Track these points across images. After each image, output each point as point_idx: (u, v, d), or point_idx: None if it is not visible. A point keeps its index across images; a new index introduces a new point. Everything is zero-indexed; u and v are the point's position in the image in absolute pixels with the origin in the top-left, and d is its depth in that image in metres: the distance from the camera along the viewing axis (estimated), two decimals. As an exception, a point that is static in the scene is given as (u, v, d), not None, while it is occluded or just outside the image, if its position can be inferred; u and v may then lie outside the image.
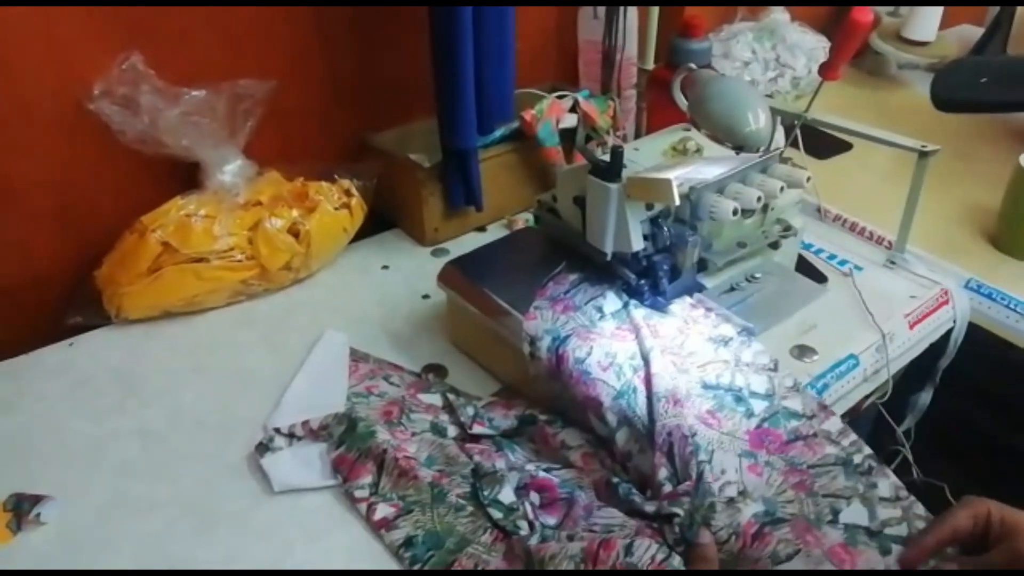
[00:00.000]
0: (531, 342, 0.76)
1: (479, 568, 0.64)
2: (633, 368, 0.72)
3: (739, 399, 0.71)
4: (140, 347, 0.89)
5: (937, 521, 0.62)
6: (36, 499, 0.70)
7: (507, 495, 0.68)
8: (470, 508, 0.69)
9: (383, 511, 0.69)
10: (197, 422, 0.80)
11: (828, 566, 0.60)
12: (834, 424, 0.70)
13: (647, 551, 0.59)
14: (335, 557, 0.66)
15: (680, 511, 0.61)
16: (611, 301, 0.78)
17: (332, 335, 0.89)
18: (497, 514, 0.67)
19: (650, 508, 0.64)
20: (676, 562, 0.59)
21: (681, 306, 0.80)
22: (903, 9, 1.55)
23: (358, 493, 0.70)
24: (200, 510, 0.70)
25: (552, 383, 0.75)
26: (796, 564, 0.60)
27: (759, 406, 0.71)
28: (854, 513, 0.64)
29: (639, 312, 0.78)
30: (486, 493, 0.69)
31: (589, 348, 0.73)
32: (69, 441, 0.77)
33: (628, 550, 0.59)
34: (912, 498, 0.65)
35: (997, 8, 1.48)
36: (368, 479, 0.71)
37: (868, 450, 0.69)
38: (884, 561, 0.61)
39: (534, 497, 0.69)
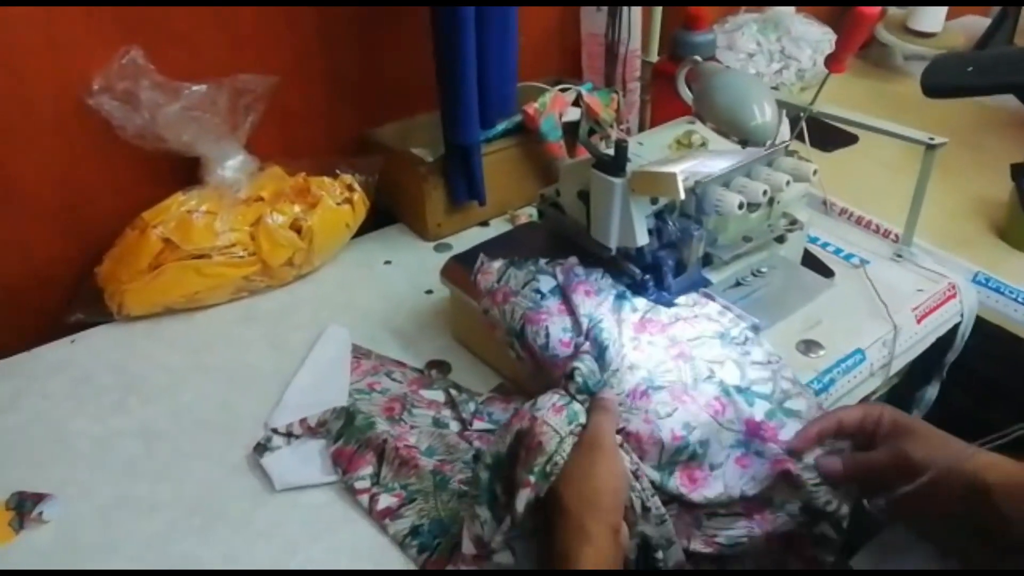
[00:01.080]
0: (510, 344, 0.76)
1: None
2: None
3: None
4: (142, 344, 0.89)
5: (826, 413, 0.66)
6: (39, 497, 0.70)
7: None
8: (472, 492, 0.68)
9: (386, 501, 0.69)
10: (199, 420, 0.79)
11: (704, 417, 0.66)
12: (713, 308, 0.78)
13: (549, 399, 0.64)
14: (339, 555, 0.66)
15: (581, 366, 0.67)
16: (545, 282, 0.77)
17: (334, 331, 0.89)
18: (475, 492, 0.67)
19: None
20: (576, 407, 0.64)
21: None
22: (909, -1, 1.54)
23: (359, 484, 0.70)
24: (202, 509, 0.70)
25: (544, 375, 0.74)
26: (676, 418, 0.65)
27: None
28: (727, 373, 0.70)
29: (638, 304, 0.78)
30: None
31: (545, 330, 0.73)
32: (71, 439, 0.77)
33: (534, 405, 0.63)
34: (783, 361, 0.72)
35: (1003, -1, 1.46)
36: (369, 470, 0.71)
37: (747, 323, 0.75)
38: (750, 411, 0.67)
39: None
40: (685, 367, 0.71)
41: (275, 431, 0.75)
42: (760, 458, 0.65)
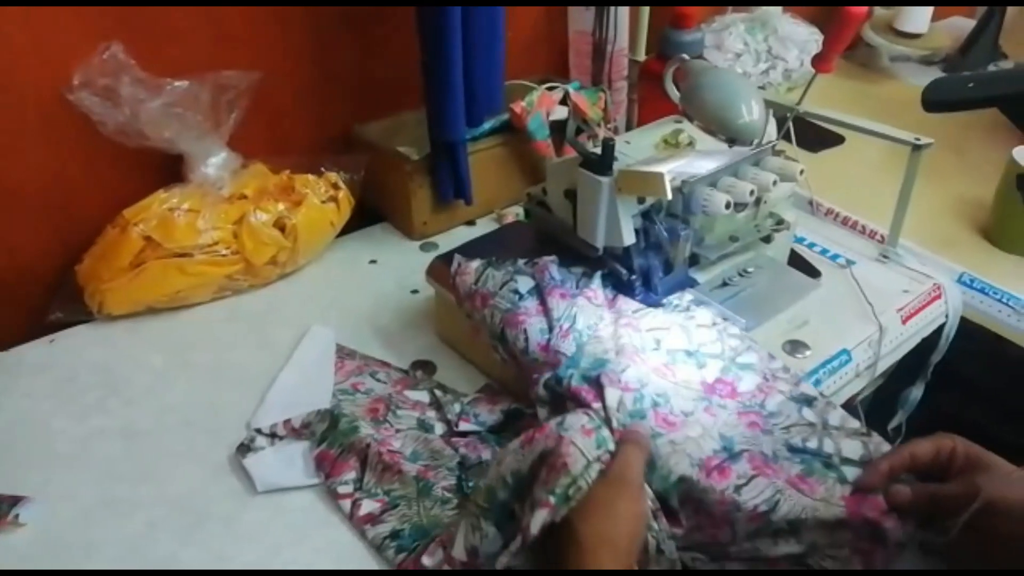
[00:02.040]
0: (495, 348, 0.75)
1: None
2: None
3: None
4: (123, 344, 0.88)
5: (898, 447, 0.62)
6: (14, 500, 0.69)
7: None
8: (456, 500, 0.68)
9: (368, 507, 0.68)
10: (182, 420, 0.78)
11: (790, 494, 0.60)
12: (783, 367, 0.72)
13: (578, 420, 0.61)
14: (322, 556, 0.65)
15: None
16: (523, 283, 0.76)
17: (318, 331, 0.88)
18: (484, 505, 0.66)
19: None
20: (606, 434, 0.61)
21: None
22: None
23: (341, 489, 0.69)
24: (184, 511, 0.69)
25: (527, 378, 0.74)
26: (757, 488, 0.60)
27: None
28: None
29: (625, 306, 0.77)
30: (471, 484, 0.68)
31: (524, 333, 0.72)
32: (50, 440, 0.76)
33: (561, 424, 0.60)
34: (874, 433, 0.66)
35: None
36: (352, 475, 0.70)
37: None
38: (842, 489, 0.61)
39: None
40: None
41: (258, 431, 0.74)
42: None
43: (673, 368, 0.70)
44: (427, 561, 0.62)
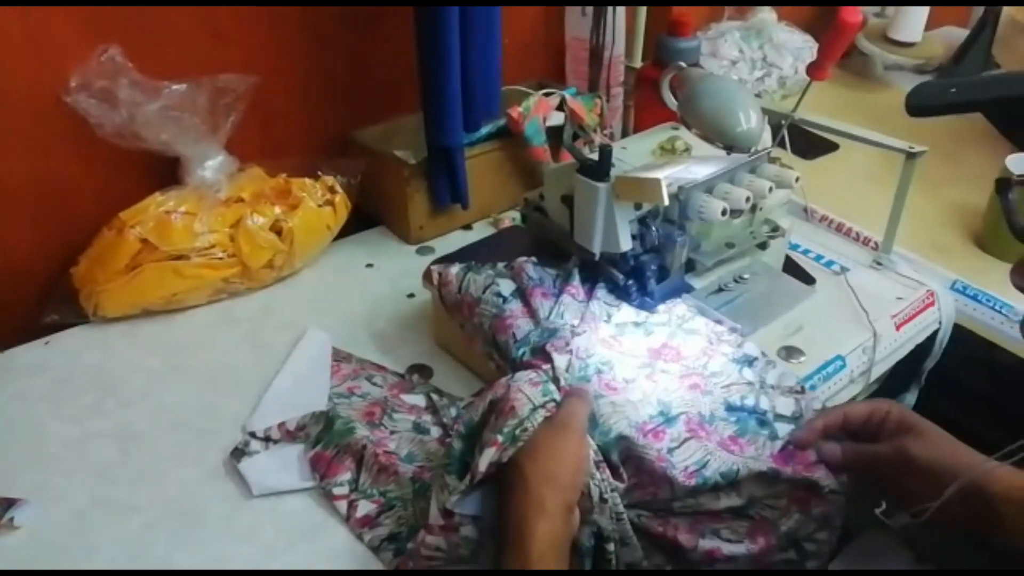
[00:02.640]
0: (490, 356, 0.76)
1: None
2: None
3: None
4: (118, 346, 0.88)
5: (833, 407, 0.66)
6: (9, 502, 0.68)
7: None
8: None
9: (365, 508, 0.68)
10: (177, 423, 0.78)
11: (719, 455, 0.64)
12: (729, 329, 0.76)
13: (526, 375, 0.66)
14: (317, 560, 0.65)
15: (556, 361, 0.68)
16: (505, 285, 0.77)
17: (314, 334, 0.88)
18: (446, 461, 0.68)
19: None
20: (552, 387, 0.65)
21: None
22: (889, 10, 1.56)
23: (337, 491, 0.69)
24: (180, 513, 0.69)
25: None
26: (689, 450, 0.64)
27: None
28: (748, 403, 0.69)
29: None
30: None
31: (513, 336, 0.73)
32: (45, 443, 0.76)
33: (511, 378, 0.65)
34: (807, 390, 0.71)
35: (982, 10, 1.48)
36: (347, 475, 0.70)
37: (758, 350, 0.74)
38: (772, 446, 0.65)
39: None
40: (703, 399, 0.69)
41: (253, 435, 0.74)
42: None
43: (621, 339, 0.74)
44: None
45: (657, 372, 0.71)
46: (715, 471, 0.63)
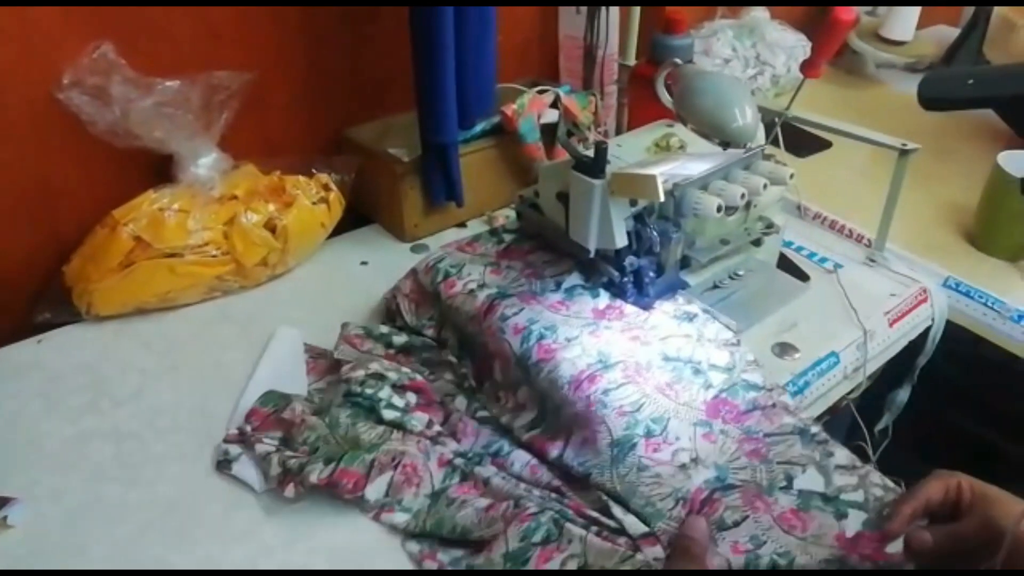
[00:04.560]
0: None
1: (400, 462, 0.68)
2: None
3: (698, 371, 0.73)
4: (112, 345, 0.87)
5: (910, 492, 0.63)
6: (2, 501, 0.68)
7: (386, 392, 0.73)
8: (366, 422, 0.71)
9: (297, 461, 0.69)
10: (172, 422, 0.78)
11: (776, 531, 0.61)
12: (791, 398, 0.74)
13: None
14: (314, 558, 0.65)
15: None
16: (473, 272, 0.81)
17: (285, 331, 0.87)
18: (391, 414, 0.72)
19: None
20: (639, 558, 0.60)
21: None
22: (881, 9, 1.56)
23: (267, 440, 0.72)
24: (175, 513, 0.69)
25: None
26: (743, 530, 0.61)
27: (718, 378, 0.72)
28: (809, 480, 0.66)
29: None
30: (369, 393, 0.72)
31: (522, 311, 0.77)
32: (38, 442, 0.75)
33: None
34: (868, 467, 0.67)
35: (972, 9, 1.49)
36: (278, 434, 0.73)
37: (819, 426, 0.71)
38: (839, 525, 0.62)
39: (411, 396, 0.75)
40: (762, 467, 0.67)
41: (226, 441, 0.74)
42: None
43: (569, 303, 0.79)
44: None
45: (601, 330, 0.75)
46: (770, 553, 0.60)
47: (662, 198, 0.67)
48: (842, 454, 0.68)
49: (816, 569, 0.60)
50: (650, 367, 0.72)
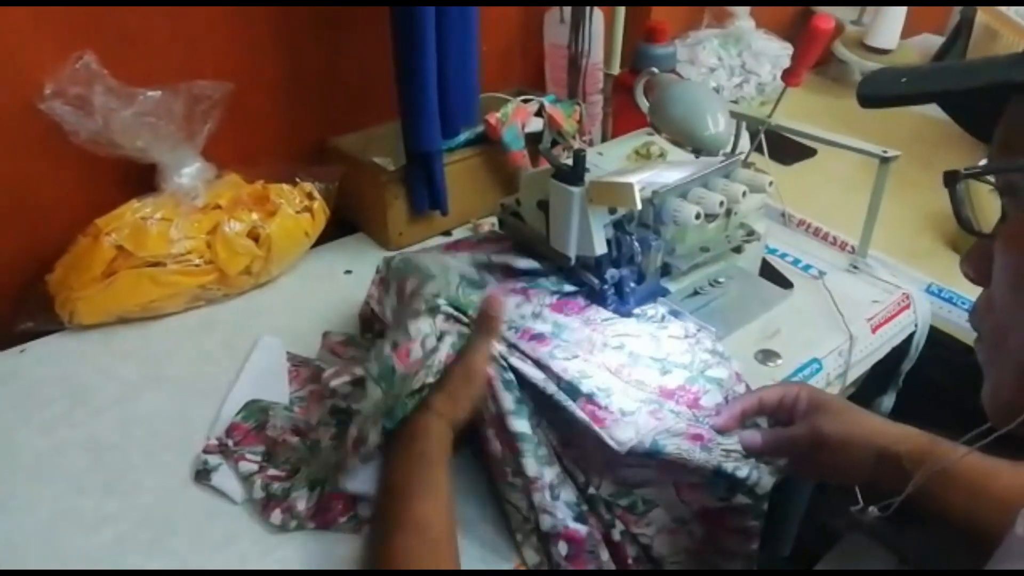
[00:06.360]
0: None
1: None
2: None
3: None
4: (94, 354, 0.87)
5: (748, 392, 0.70)
6: (-21, 512, 0.68)
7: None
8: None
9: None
10: (152, 432, 0.77)
11: (604, 374, 0.68)
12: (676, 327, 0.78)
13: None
14: (292, 567, 0.65)
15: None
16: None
17: (267, 341, 0.87)
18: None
19: None
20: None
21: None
22: (866, 18, 1.57)
23: (250, 456, 0.71)
24: (152, 523, 0.68)
25: None
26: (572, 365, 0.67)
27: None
28: (640, 344, 0.73)
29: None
30: (356, 407, 0.71)
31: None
32: (15, 452, 0.75)
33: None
34: (700, 334, 0.75)
35: (957, 17, 1.50)
36: (261, 448, 0.73)
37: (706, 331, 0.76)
38: (662, 380, 0.70)
39: None
40: (595, 335, 0.73)
41: (206, 451, 0.73)
42: (676, 416, 0.67)
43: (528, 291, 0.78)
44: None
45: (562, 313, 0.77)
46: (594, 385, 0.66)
47: (639, 206, 0.67)
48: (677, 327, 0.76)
49: (798, 570, 0.61)
50: (604, 349, 0.73)
